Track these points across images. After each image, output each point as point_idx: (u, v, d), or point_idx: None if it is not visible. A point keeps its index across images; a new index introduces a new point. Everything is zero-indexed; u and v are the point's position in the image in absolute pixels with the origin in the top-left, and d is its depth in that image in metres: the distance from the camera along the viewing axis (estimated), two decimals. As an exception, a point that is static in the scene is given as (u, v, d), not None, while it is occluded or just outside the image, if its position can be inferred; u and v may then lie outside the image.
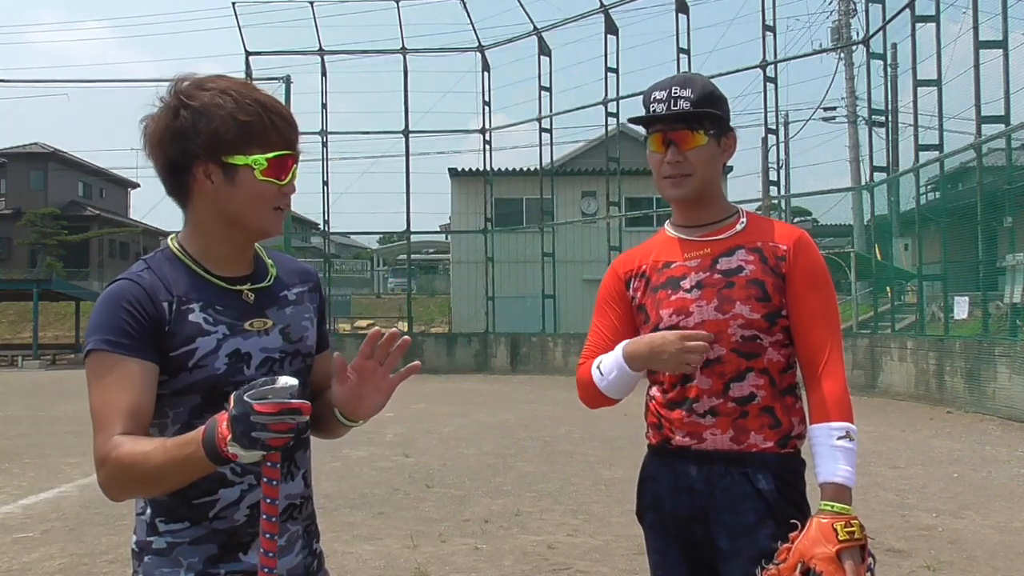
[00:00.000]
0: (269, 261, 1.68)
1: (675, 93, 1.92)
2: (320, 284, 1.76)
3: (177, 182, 1.55)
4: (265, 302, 1.61)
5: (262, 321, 1.59)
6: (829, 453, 1.81)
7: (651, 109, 1.95)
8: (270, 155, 1.51)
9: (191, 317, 1.52)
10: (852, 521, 1.71)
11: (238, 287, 1.59)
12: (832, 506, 1.75)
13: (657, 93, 1.94)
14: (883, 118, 17.11)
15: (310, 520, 1.70)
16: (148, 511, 1.56)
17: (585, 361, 2.07)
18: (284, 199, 1.56)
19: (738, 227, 1.99)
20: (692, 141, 1.93)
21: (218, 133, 1.49)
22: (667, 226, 2.08)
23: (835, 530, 1.68)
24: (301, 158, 1.62)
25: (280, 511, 1.48)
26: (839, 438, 1.81)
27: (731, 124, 2.01)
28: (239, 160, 1.50)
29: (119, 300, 1.49)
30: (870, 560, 1.69)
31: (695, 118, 1.92)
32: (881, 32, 16.75)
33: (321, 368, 1.74)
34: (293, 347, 1.62)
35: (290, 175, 1.55)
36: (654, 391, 2.05)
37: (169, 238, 1.62)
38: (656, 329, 1.99)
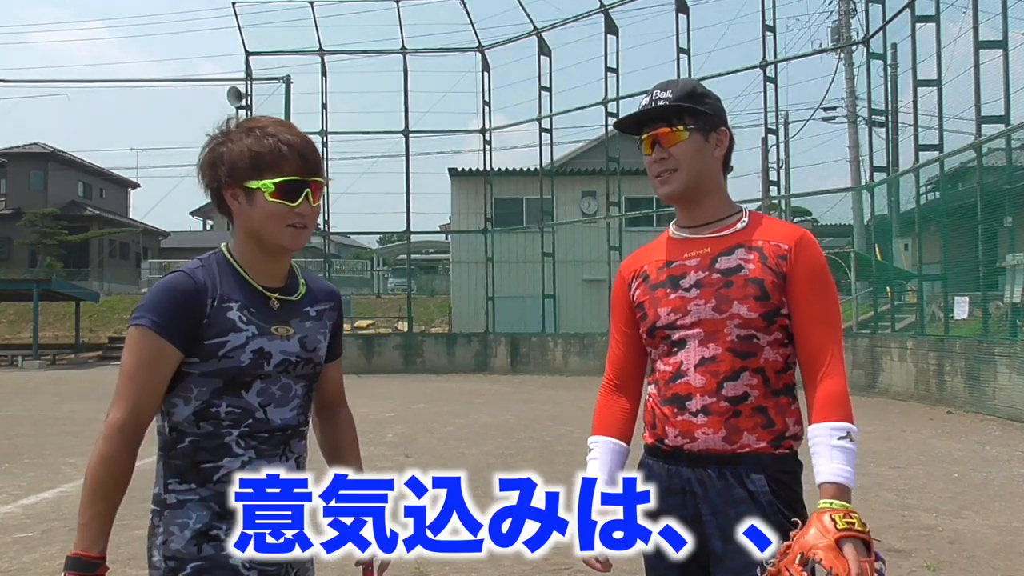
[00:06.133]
0: (302, 280, 1.96)
1: (655, 96, 1.98)
2: (341, 303, 2.04)
3: (220, 202, 1.85)
4: (291, 313, 1.89)
5: (286, 328, 1.86)
6: (828, 453, 1.78)
7: None
8: (277, 180, 1.77)
9: (228, 314, 1.79)
10: (851, 514, 1.67)
11: (269, 295, 1.87)
12: (831, 503, 1.71)
13: (643, 100, 2.00)
14: (883, 118, 17.10)
15: None
16: (162, 472, 1.81)
17: (604, 382, 2.17)
18: (298, 218, 1.80)
19: (739, 226, 1.99)
20: (674, 137, 1.96)
21: (235, 163, 1.79)
22: (671, 226, 2.09)
23: (833, 520, 1.65)
24: None
25: None
26: (840, 438, 1.78)
27: (724, 120, 2.02)
28: (253, 184, 1.78)
29: (172, 290, 1.77)
30: (880, 564, 1.64)
31: (673, 112, 1.95)
32: (881, 32, 16.74)
33: (330, 374, 2.05)
34: (307, 355, 1.89)
35: (302, 197, 1.79)
36: (651, 388, 2.05)
37: (222, 244, 1.90)
38: (653, 327, 2.00)
